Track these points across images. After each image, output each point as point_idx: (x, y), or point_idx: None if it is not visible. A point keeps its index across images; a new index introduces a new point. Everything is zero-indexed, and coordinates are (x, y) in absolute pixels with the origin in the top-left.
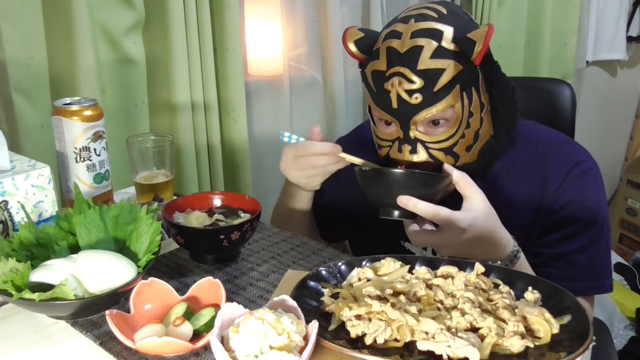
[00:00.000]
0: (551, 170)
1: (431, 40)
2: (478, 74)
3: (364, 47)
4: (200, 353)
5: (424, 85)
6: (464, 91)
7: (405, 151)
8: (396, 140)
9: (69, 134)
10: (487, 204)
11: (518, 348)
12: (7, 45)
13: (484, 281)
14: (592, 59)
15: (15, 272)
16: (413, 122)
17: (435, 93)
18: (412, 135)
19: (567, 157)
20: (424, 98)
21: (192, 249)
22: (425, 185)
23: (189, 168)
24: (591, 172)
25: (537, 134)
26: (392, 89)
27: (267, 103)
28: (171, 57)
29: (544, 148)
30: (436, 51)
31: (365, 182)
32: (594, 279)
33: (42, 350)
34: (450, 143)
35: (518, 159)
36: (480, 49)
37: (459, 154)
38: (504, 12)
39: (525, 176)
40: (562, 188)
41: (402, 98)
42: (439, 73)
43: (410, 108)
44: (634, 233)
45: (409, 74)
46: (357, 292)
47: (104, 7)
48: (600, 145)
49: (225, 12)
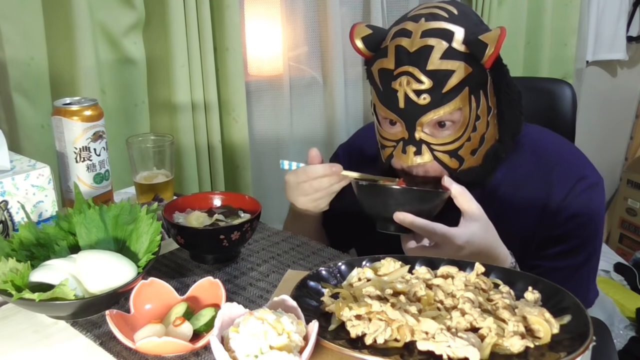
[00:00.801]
0: (556, 183)
1: (442, 41)
2: (487, 77)
3: (371, 44)
4: (200, 353)
5: (432, 86)
6: (473, 94)
7: (409, 152)
8: (400, 141)
9: (69, 134)
10: (486, 219)
11: (518, 348)
12: (7, 45)
13: (484, 281)
14: (592, 59)
15: (15, 272)
16: (419, 123)
17: (443, 94)
18: (418, 136)
19: (573, 171)
20: (432, 99)
21: (192, 249)
22: (423, 201)
23: (189, 168)
24: (596, 188)
25: (542, 143)
26: (400, 88)
27: (267, 103)
28: (171, 57)
29: (548, 159)
30: (446, 52)
31: (362, 196)
32: (580, 296)
33: (42, 350)
34: (456, 146)
35: (521, 168)
36: (492, 52)
37: (463, 157)
38: (504, 12)
39: (528, 186)
40: (566, 202)
41: (410, 98)
42: (448, 74)
43: (417, 108)
44: (634, 233)
45: (418, 74)
46: (357, 292)
47: (104, 7)
48: (600, 145)
49: (226, 12)
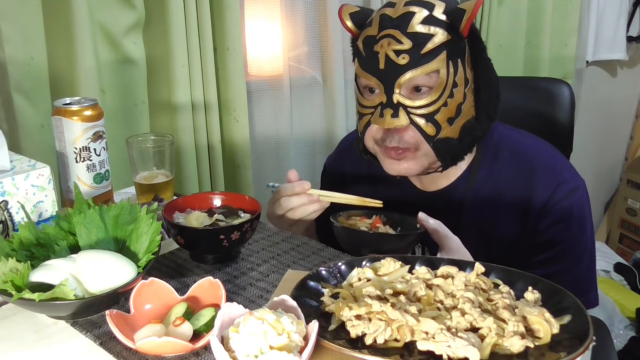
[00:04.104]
0: (536, 188)
1: (423, 9)
2: (465, 48)
3: (359, 21)
4: (200, 353)
5: (412, 46)
6: (450, 60)
7: (386, 115)
8: (379, 106)
9: (69, 134)
10: (464, 252)
11: (518, 348)
12: (7, 45)
13: (484, 281)
14: (592, 59)
15: (15, 272)
16: (397, 85)
17: (422, 55)
18: (395, 99)
19: (552, 175)
20: (410, 59)
21: (192, 249)
22: (396, 243)
23: (189, 168)
24: (577, 192)
25: (521, 148)
26: (381, 49)
27: (267, 103)
28: (171, 57)
29: (528, 164)
30: (427, 18)
31: (339, 236)
32: (578, 296)
33: (42, 350)
34: (432, 109)
35: (502, 173)
36: (468, 16)
37: (440, 123)
38: (503, 12)
39: (509, 191)
40: (547, 208)
41: (390, 58)
42: (427, 37)
43: (396, 68)
44: (634, 233)
45: (399, 35)
46: (357, 292)
47: (104, 7)
48: (600, 145)
49: (226, 12)
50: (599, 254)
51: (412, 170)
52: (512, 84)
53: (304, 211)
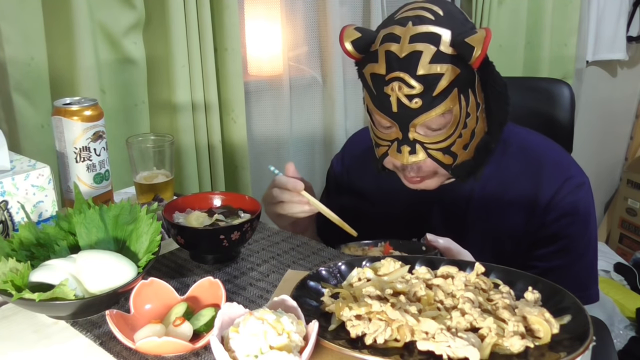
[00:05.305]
0: (543, 183)
1: (429, 45)
2: (475, 76)
3: (361, 46)
4: (200, 353)
5: (423, 90)
6: (462, 94)
7: (404, 152)
8: (395, 141)
9: (69, 134)
10: None
11: (518, 348)
12: (7, 45)
13: (484, 281)
14: (592, 59)
15: (15, 272)
16: (412, 125)
17: (434, 97)
18: (411, 137)
19: (559, 171)
20: (423, 102)
21: (192, 249)
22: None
23: (189, 168)
24: (582, 187)
25: (529, 144)
26: (392, 93)
27: (267, 103)
28: (171, 57)
29: (535, 159)
30: (435, 56)
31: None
32: (579, 291)
33: (42, 350)
34: (448, 143)
35: (509, 167)
36: (479, 54)
37: (456, 152)
38: (503, 12)
39: (516, 185)
40: (554, 202)
41: (402, 102)
42: (437, 78)
43: (409, 112)
44: (634, 233)
45: (409, 79)
46: (357, 292)
47: (104, 7)
48: (600, 145)
49: (225, 12)
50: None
51: (431, 186)
52: (512, 84)
53: (291, 208)
